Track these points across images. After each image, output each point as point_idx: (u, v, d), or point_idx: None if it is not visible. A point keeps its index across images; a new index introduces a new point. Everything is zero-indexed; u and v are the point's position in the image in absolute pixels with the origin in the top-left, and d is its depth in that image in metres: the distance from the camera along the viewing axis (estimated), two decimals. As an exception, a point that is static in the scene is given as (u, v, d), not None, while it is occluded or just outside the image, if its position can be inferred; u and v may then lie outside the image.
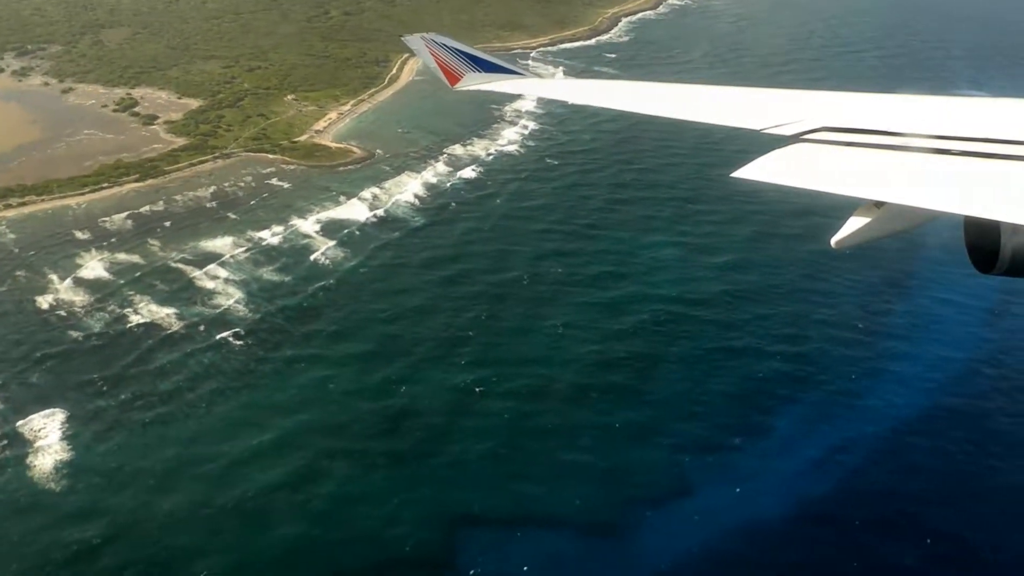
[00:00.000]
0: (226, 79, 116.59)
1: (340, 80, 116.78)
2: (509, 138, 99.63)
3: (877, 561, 44.50)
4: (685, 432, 53.61)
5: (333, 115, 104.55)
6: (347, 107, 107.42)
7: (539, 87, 18.50)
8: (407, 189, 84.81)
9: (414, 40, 18.55)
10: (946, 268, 75.45)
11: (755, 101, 12.64)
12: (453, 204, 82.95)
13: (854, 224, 8.55)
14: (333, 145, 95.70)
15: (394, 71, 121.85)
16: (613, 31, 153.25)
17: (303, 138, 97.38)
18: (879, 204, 8.44)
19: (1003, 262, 7.97)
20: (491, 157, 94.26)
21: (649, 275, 71.47)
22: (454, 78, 18.05)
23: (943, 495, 49.70)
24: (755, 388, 58.50)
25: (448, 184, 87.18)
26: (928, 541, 46.12)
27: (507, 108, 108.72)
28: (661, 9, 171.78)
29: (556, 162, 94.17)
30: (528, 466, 49.79)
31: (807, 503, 48.60)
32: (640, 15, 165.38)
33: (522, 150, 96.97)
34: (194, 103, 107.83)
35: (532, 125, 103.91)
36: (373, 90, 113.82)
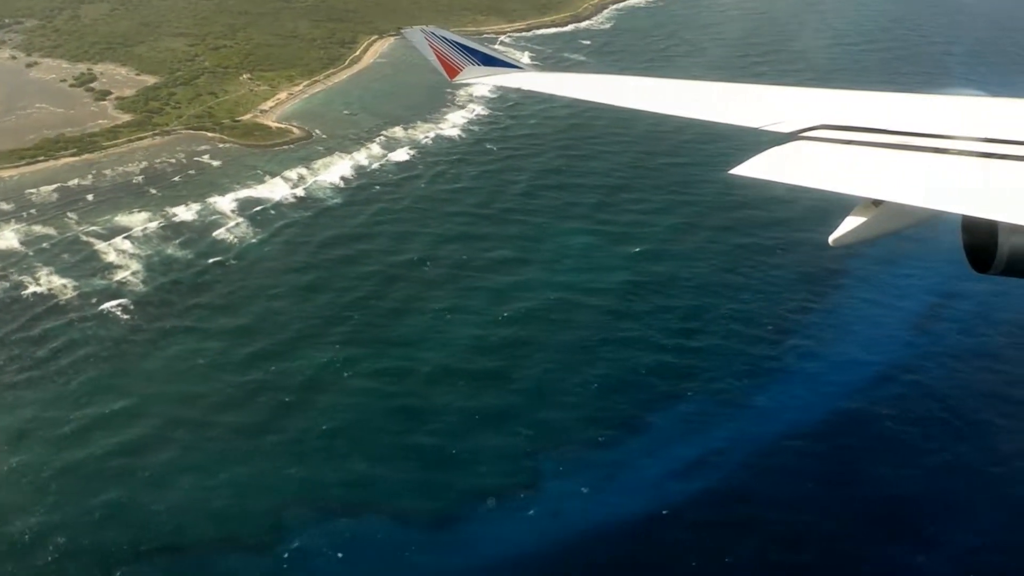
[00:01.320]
0: (189, 57, 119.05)
1: (300, 60, 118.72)
2: (454, 122, 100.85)
3: (716, 565, 44.66)
4: (548, 423, 53.75)
5: (283, 95, 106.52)
6: (299, 88, 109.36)
7: (539, 81, 18.20)
8: (334, 170, 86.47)
9: (413, 33, 18.71)
10: (879, 267, 75.57)
11: (753, 98, 12.78)
12: (377, 186, 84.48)
13: (852, 222, 8.68)
14: (274, 125, 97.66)
15: (357, 53, 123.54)
16: (595, 18, 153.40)
17: (246, 117, 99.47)
18: (877, 203, 8.56)
19: (1000, 262, 7.98)
20: (429, 140, 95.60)
21: (553, 262, 72.33)
22: (453, 71, 18.14)
23: (804, 499, 49.16)
24: (636, 382, 58.53)
25: (377, 165, 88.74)
26: (771, 544, 45.92)
27: (460, 93, 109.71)
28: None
29: (494, 147, 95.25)
30: (371, 447, 50.97)
31: (659, 503, 48.40)
32: (631, 2, 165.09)
33: (463, 134, 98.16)
34: (151, 80, 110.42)
35: (481, 110, 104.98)
36: (330, 71, 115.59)
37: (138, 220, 75.42)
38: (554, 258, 73.03)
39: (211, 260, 69.52)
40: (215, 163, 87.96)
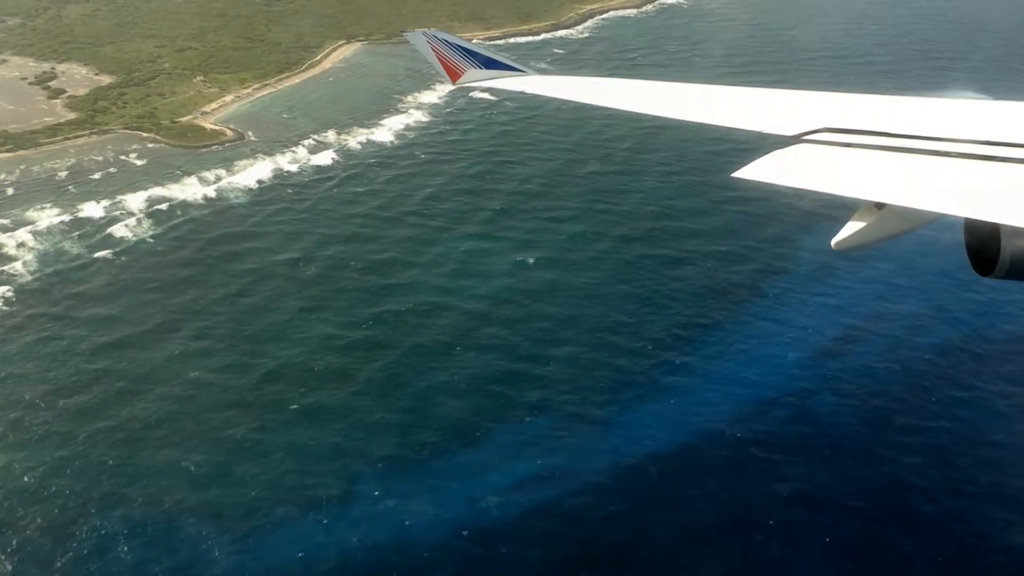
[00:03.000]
0: (151, 58, 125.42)
1: (258, 64, 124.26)
2: (391, 127, 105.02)
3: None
4: (377, 426, 55.51)
5: (229, 98, 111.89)
6: (248, 91, 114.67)
7: (541, 85, 18.12)
8: (252, 172, 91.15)
9: (415, 36, 19.24)
10: (800, 285, 75.61)
11: (757, 101, 13.19)
12: (289, 188, 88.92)
13: (854, 225, 8.92)
14: (209, 127, 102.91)
15: (318, 58, 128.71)
16: (577, 27, 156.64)
17: (186, 119, 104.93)
18: (879, 205, 8.78)
19: (1003, 265, 8.18)
20: (358, 145, 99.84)
21: (436, 266, 75.45)
22: (455, 74, 18.62)
23: (617, 519, 49.31)
24: (479, 389, 59.73)
25: (296, 168, 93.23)
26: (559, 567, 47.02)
27: (408, 99, 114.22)
28: (648, 8, 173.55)
29: (421, 152, 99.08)
30: (189, 438, 53.88)
31: (469, 517, 49.09)
32: (619, 13, 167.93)
33: (395, 139, 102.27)
34: (107, 80, 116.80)
35: (421, 116, 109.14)
36: (284, 75, 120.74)
37: (46, 215, 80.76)
38: (438, 262, 76.18)
39: (100, 254, 74.42)
40: (139, 162, 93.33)
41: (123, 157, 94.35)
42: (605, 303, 71.72)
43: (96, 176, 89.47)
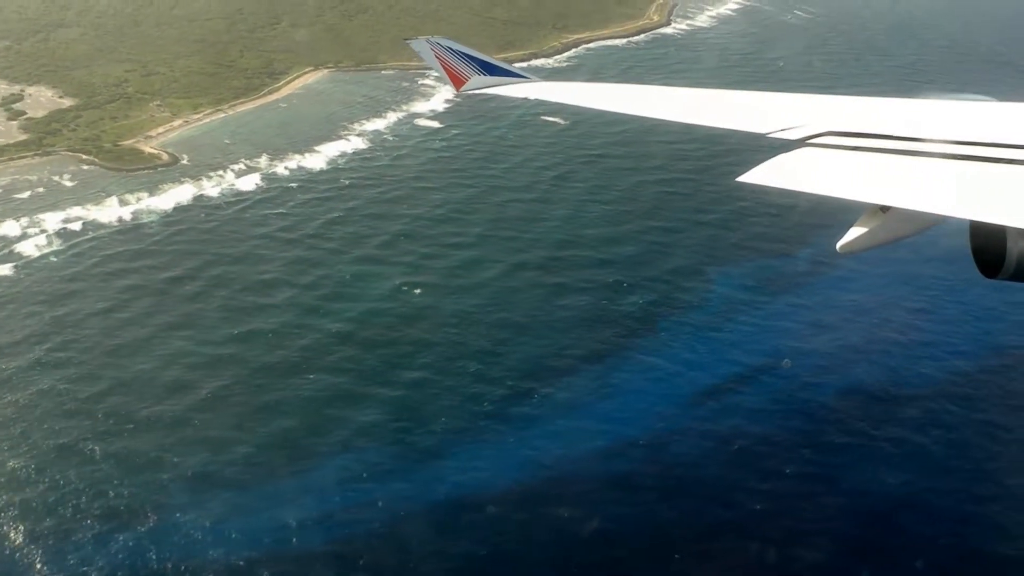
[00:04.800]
0: (118, 82, 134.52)
1: (217, 89, 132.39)
2: (326, 154, 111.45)
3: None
4: (194, 445, 59.59)
5: (177, 123, 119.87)
6: (199, 116, 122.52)
7: (545, 91, 18.64)
8: (174, 194, 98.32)
9: (419, 43, 20.20)
10: (704, 319, 77.41)
11: (761, 105, 13.55)
12: (203, 212, 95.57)
13: (859, 229, 9.15)
14: (148, 150, 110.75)
15: (280, 84, 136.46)
16: (555, 57, 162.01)
17: (128, 142, 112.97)
18: (885, 208, 9.01)
19: (1008, 267, 8.43)
20: (287, 171, 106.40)
21: (316, 288, 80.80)
22: (459, 81, 19.58)
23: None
24: (317, 415, 63.16)
25: (217, 192, 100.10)
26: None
27: (354, 126, 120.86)
28: (639, 38, 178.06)
29: (345, 177, 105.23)
30: (27, 447, 60.36)
31: (253, 548, 51.68)
32: (608, 43, 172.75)
33: (326, 166, 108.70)
34: (68, 102, 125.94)
35: (361, 144, 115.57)
36: (239, 101, 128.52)
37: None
38: (319, 284, 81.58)
39: (0, 267, 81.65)
40: (70, 184, 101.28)
41: (56, 178, 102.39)
42: (476, 330, 75.14)
43: (24, 195, 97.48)
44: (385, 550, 51.83)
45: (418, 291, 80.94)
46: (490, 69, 19.61)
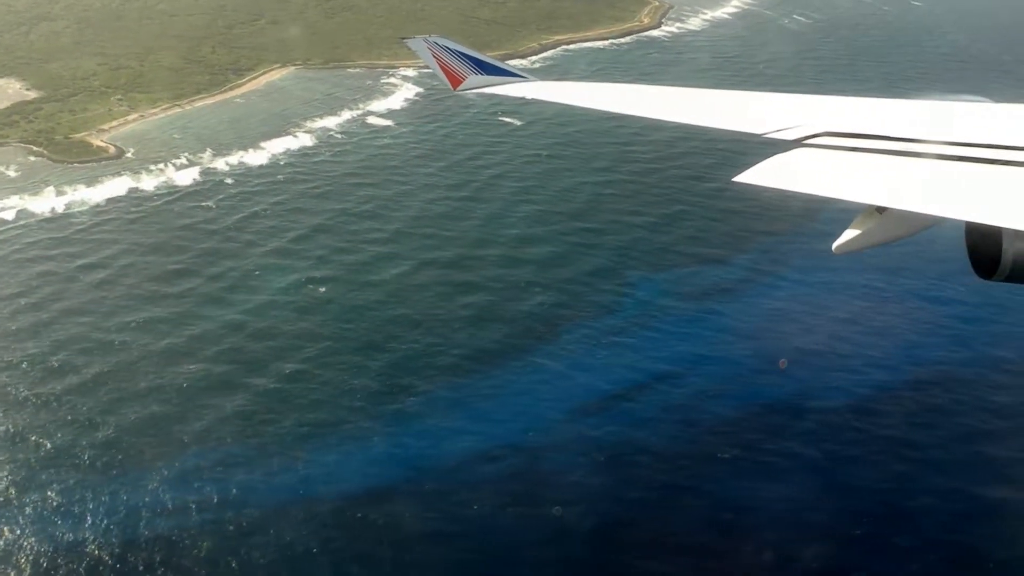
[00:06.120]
0: (86, 75, 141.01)
1: (180, 85, 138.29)
2: (271, 149, 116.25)
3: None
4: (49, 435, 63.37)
5: (133, 117, 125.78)
6: (156, 111, 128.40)
7: (543, 91, 19.07)
8: (110, 187, 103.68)
9: (416, 42, 20.45)
10: (611, 323, 78.80)
11: (758, 105, 13.92)
12: (132, 204, 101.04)
13: (855, 230, 9.56)
14: (97, 144, 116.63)
15: (243, 80, 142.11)
16: (531, 58, 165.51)
17: (80, 135, 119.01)
18: (881, 209, 9.40)
19: (1004, 268, 8.75)
20: (227, 166, 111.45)
21: (218, 280, 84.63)
22: (456, 80, 19.79)
23: None
24: (168, 403, 65.93)
25: (152, 185, 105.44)
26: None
27: (306, 123, 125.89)
28: (623, 40, 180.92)
29: (281, 174, 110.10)
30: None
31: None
32: (589, 45, 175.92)
33: (266, 161, 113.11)
34: (33, 95, 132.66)
35: (308, 141, 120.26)
36: (198, 96, 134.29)
37: None
38: (223, 275, 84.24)
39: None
40: (13, 174, 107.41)
41: (1, 168, 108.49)
42: (368, 325, 77.85)
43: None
44: (217, 539, 53.51)
45: (321, 287, 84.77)
46: (488, 69, 19.90)
